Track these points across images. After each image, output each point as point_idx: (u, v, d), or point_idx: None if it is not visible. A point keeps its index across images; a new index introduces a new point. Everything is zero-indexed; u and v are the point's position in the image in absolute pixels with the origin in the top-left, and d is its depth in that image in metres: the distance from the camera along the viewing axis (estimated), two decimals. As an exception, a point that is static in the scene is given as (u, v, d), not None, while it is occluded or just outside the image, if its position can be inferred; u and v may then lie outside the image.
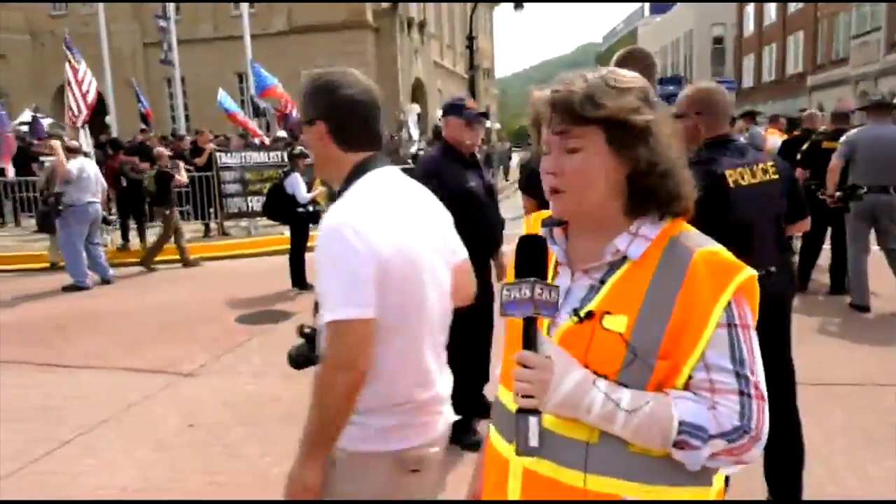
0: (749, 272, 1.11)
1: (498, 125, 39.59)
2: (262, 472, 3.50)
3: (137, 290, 8.28)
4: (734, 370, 1.08)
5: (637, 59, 2.65)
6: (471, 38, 24.03)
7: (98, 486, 3.41)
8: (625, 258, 1.14)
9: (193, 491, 3.34)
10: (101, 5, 20.86)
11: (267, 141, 13.54)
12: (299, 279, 7.86)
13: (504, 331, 1.29)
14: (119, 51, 28.86)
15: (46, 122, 16.44)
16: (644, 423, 1.06)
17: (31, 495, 3.33)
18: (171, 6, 21.29)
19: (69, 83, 11.18)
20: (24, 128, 16.22)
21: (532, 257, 1.13)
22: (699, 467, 1.09)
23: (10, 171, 12.51)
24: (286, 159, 9.74)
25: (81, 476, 3.52)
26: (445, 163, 3.55)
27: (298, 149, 8.46)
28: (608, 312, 1.11)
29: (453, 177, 3.46)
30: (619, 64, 2.64)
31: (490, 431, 1.30)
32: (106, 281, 8.63)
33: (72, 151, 8.72)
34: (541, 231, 1.24)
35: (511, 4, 24.15)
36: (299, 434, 1.64)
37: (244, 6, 20.19)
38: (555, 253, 1.22)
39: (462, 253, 1.78)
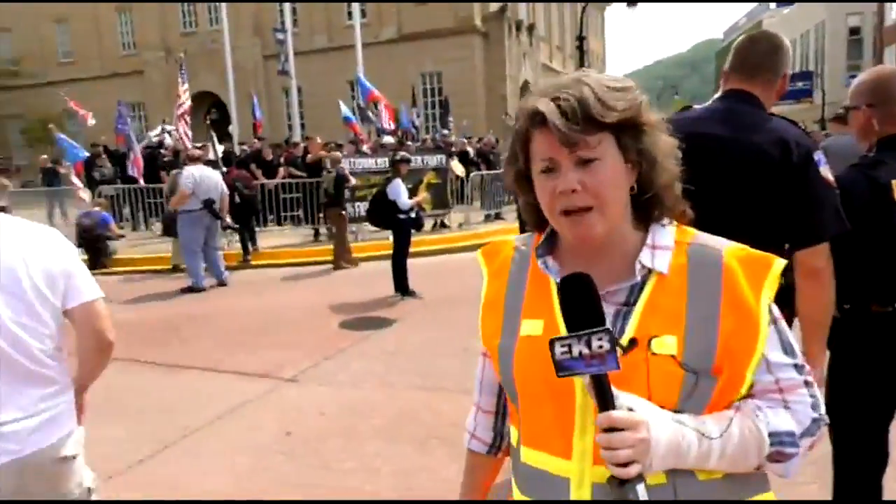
0: (780, 262, 1.03)
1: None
2: (353, 488, 3.40)
3: (249, 293, 8.55)
4: (793, 363, 1.03)
5: (759, 41, 2.28)
6: (581, 39, 23.45)
7: (197, 491, 3.42)
8: (648, 275, 1.03)
9: None
10: (225, 23, 22.18)
11: (367, 143, 13.82)
12: (402, 285, 7.82)
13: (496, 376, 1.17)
14: (242, 64, 30.56)
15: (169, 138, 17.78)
16: (738, 447, 0.98)
17: (132, 495, 3.40)
18: (288, 20, 22.29)
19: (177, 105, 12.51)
20: (158, 138, 17.45)
21: (587, 301, 0.94)
22: (793, 475, 1.03)
23: (141, 181, 13.49)
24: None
25: (183, 479, 3.56)
26: None
27: (401, 154, 8.45)
28: (654, 335, 0.98)
29: None
30: (741, 48, 2.28)
31: (514, 490, 1.13)
32: (221, 283, 9.01)
33: (193, 160, 9.17)
34: (538, 261, 1.11)
35: (623, 3, 23.31)
36: (392, 451, 1.48)
37: (356, 16, 20.80)
38: (556, 283, 1.06)
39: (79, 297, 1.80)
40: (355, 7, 22.06)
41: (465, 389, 4.86)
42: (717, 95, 2.34)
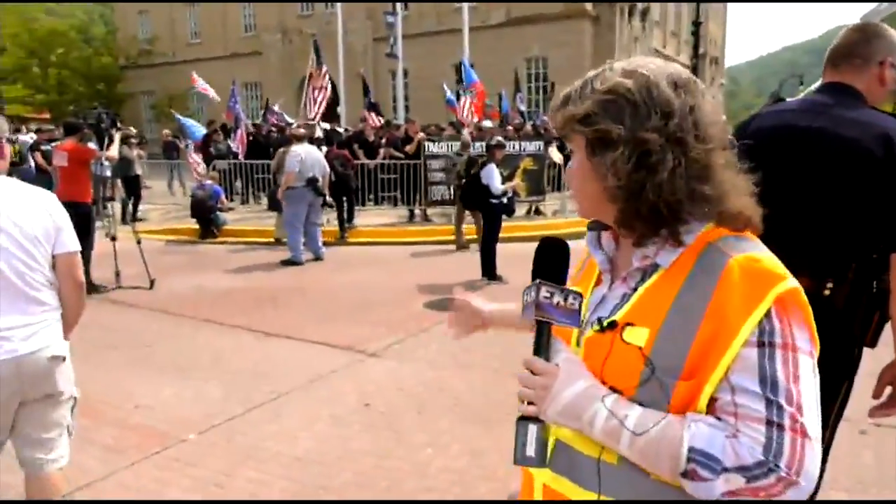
0: (793, 283, 0.96)
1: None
2: (422, 462, 3.50)
3: (342, 269, 8.88)
4: (763, 395, 0.92)
5: (852, 29, 2.14)
6: (696, 24, 22.41)
7: (278, 452, 3.64)
8: (656, 266, 1.04)
9: (360, 471, 3.43)
10: (339, 6, 22.85)
11: (468, 127, 13.88)
12: (489, 269, 7.87)
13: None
14: (352, 46, 31.43)
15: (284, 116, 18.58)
16: (651, 445, 0.95)
17: (222, 450, 3.67)
18: (399, 3, 22.64)
19: (311, 82, 12.93)
20: (275, 118, 18.30)
21: (545, 259, 1.09)
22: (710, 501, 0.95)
23: (241, 156, 14.23)
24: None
25: (266, 441, 3.79)
26: None
27: (496, 139, 8.46)
28: (630, 324, 1.02)
29: None
30: (838, 37, 2.16)
31: None
32: (318, 258, 9.41)
33: (297, 139, 9.59)
34: (587, 234, 1.19)
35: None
36: (463, 430, 1.59)
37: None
38: (596, 260, 1.16)
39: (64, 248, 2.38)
40: (463, -12, 22.13)
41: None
42: (814, 88, 2.23)
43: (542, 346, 1.07)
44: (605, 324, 1.05)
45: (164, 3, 40.65)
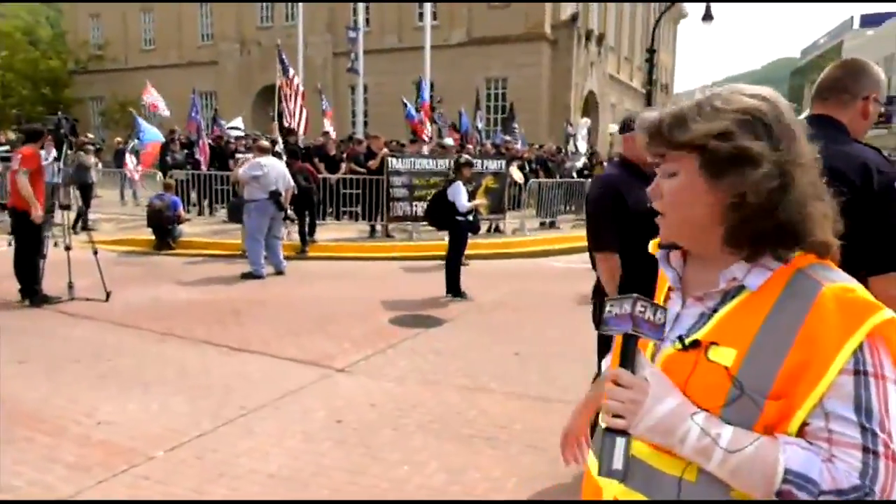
0: (889, 314, 0.98)
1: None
2: (400, 479, 3.49)
3: (304, 284, 8.79)
4: (859, 422, 0.96)
5: (838, 65, 2.28)
6: (651, 52, 23.11)
7: (251, 470, 3.57)
8: (741, 288, 1.07)
9: (335, 487, 3.40)
10: (300, 18, 22.75)
11: (427, 141, 14.01)
12: (454, 286, 7.91)
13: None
14: (312, 60, 31.27)
15: (236, 131, 18.25)
16: (745, 464, 0.97)
17: (192, 467, 3.58)
18: (361, 19, 22.68)
19: (285, 93, 13.02)
20: (236, 132, 18.01)
21: (639, 275, 1.13)
22: None
23: (203, 167, 13.97)
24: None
25: (239, 457, 3.72)
26: (625, 180, 3.30)
27: (465, 157, 8.55)
28: (715, 343, 1.04)
29: (634, 195, 3.22)
30: (823, 74, 2.29)
31: (590, 458, 1.27)
32: (279, 272, 9.29)
33: (262, 150, 9.49)
34: (657, 253, 1.23)
35: (698, 16, 22.84)
36: (439, 447, 1.59)
37: (427, 18, 21.01)
38: (668, 277, 1.20)
39: None
40: (427, 8, 22.31)
41: (513, 393, 4.96)
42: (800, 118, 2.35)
43: (629, 360, 1.08)
44: (687, 342, 1.07)
45: (116, 3, 39.62)
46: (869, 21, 49.71)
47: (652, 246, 1.28)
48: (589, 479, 1.24)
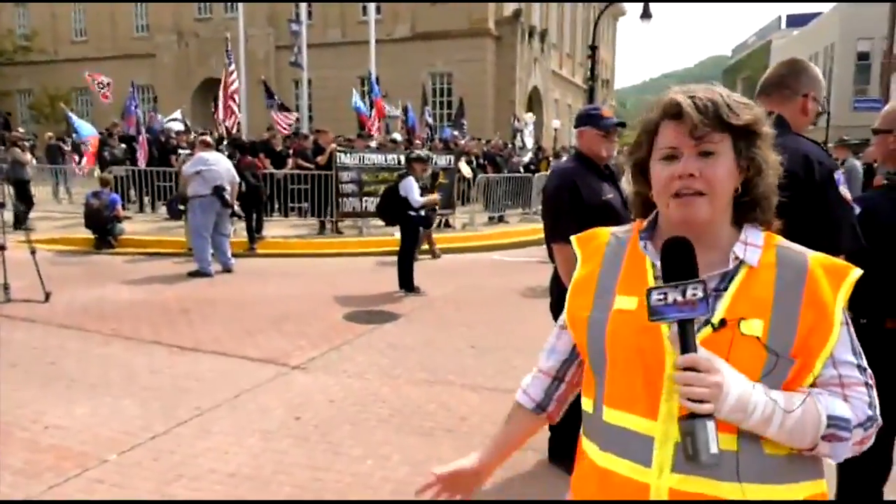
0: (856, 272, 1.15)
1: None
2: (364, 474, 3.50)
3: (254, 281, 8.65)
4: (857, 364, 1.15)
5: (780, 64, 2.42)
6: (593, 49, 23.57)
7: (210, 469, 3.52)
8: (738, 267, 1.17)
9: (298, 485, 3.38)
10: (241, 10, 22.26)
11: (375, 136, 14.00)
12: (407, 281, 7.93)
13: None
14: (254, 53, 30.62)
15: (177, 125, 17.75)
16: (798, 421, 1.09)
17: (148, 469, 3.50)
18: (304, 12, 22.36)
19: (225, 87, 12.82)
20: (175, 125, 17.45)
21: (685, 258, 1.11)
22: (843, 458, 1.14)
23: (142, 163, 13.59)
24: (403, 162, 9.88)
25: (197, 458, 3.66)
26: (581, 173, 3.37)
27: (416, 153, 8.56)
28: (742, 318, 1.12)
29: (589, 188, 3.30)
30: (769, 70, 2.41)
31: (602, 460, 1.23)
32: (227, 270, 9.11)
33: (206, 145, 9.27)
34: (639, 242, 1.27)
35: (636, 14, 23.43)
36: (400, 440, 1.60)
37: (371, 13, 20.88)
38: (656, 265, 1.22)
39: None
40: (370, 3, 22.16)
41: (471, 385, 5.00)
42: None
43: (692, 344, 1.08)
44: (716, 322, 1.13)
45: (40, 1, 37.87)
46: (795, 21, 51.89)
47: (585, 238, 1.37)
48: (614, 482, 1.19)
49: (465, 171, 14.10)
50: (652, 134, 1.23)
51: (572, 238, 1.40)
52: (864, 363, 1.16)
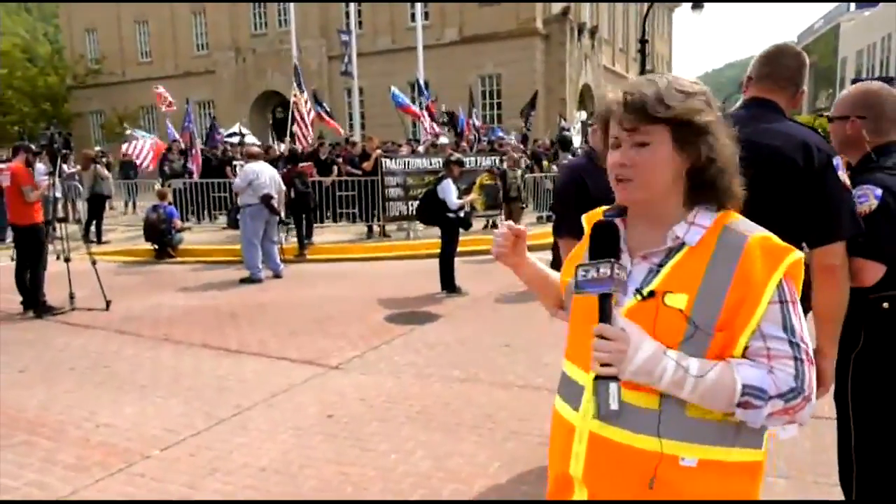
0: (798, 254, 1.24)
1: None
2: (387, 468, 3.60)
3: (302, 286, 8.91)
4: (787, 339, 1.22)
5: (790, 55, 2.38)
6: (643, 42, 23.11)
7: (243, 464, 3.70)
8: (682, 245, 1.28)
9: (323, 478, 3.51)
10: (293, 23, 22.90)
11: (428, 132, 14.27)
12: (449, 282, 8.02)
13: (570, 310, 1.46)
14: (306, 64, 31.37)
15: (249, 138, 18.56)
16: (711, 387, 1.19)
17: (186, 464, 3.70)
18: (353, 21, 22.83)
19: (295, 110, 14.26)
20: (235, 139, 18.16)
21: (607, 240, 1.29)
22: (759, 425, 1.23)
23: (196, 175, 14.23)
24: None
25: (231, 454, 3.84)
26: (590, 169, 3.39)
27: (455, 156, 8.65)
28: (669, 291, 1.24)
29: (596, 182, 3.32)
30: (772, 60, 2.38)
31: (556, 402, 1.45)
32: (277, 275, 9.42)
33: (252, 157, 9.61)
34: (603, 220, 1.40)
35: (690, 4, 22.88)
36: (426, 436, 1.69)
37: (419, 18, 21.14)
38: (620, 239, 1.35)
39: None
40: (418, 8, 22.40)
41: (501, 383, 5.06)
42: (739, 104, 2.44)
43: (607, 315, 1.23)
44: (645, 293, 1.27)
45: (108, 2, 39.78)
46: (865, 3, 49.48)
47: (591, 216, 1.48)
48: (558, 419, 1.41)
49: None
50: (606, 125, 1.36)
51: (583, 216, 1.55)
52: (800, 340, 1.23)
